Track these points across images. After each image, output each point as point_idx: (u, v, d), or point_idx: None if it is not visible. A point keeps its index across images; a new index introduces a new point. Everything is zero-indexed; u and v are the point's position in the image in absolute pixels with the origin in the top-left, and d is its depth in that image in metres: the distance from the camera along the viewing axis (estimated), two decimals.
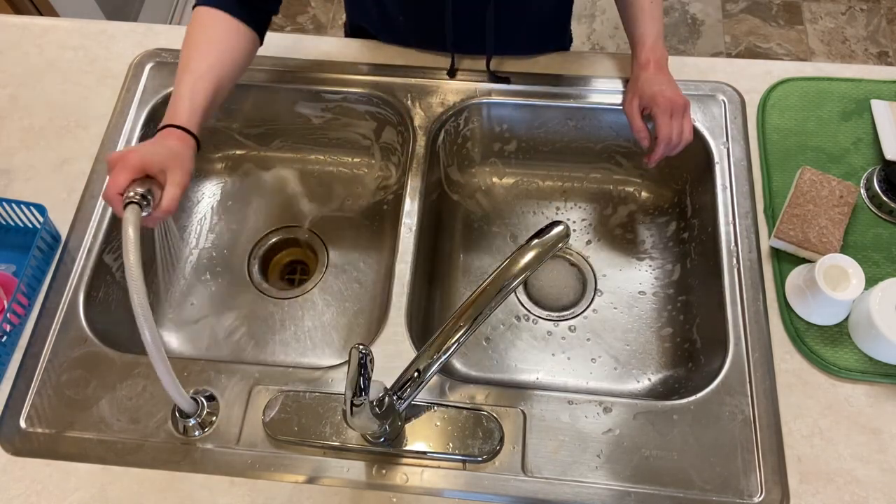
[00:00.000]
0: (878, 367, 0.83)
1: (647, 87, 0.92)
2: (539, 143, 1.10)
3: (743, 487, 0.77)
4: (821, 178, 0.92)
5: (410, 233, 0.93)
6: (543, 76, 1.05)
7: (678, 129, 0.90)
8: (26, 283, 0.87)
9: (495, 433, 0.79)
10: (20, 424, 0.82)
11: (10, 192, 0.98)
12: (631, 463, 0.78)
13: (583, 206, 1.13)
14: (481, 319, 0.67)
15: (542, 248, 0.67)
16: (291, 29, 2.34)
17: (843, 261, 0.84)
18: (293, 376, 0.84)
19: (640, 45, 0.95)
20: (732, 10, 2.32)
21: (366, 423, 0.69)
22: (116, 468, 0.79)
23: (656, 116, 0.91)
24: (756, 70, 1.05)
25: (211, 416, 0.81)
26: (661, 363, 1.00)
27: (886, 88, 1.02)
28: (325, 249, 1.10)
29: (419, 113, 1.03)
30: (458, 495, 0.77)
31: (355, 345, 0.62)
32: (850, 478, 0.78)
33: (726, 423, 0.80)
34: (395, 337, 0.86)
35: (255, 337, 1.03)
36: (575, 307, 1.05)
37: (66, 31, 1.12)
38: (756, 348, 0.84)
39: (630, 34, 0.98)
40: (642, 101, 0.92)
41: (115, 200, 0.71)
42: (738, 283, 0.89)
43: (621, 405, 0.82)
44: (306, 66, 1.07)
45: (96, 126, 1.02)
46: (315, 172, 1.16)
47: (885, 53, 2.23)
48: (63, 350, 0.86)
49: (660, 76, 0.93)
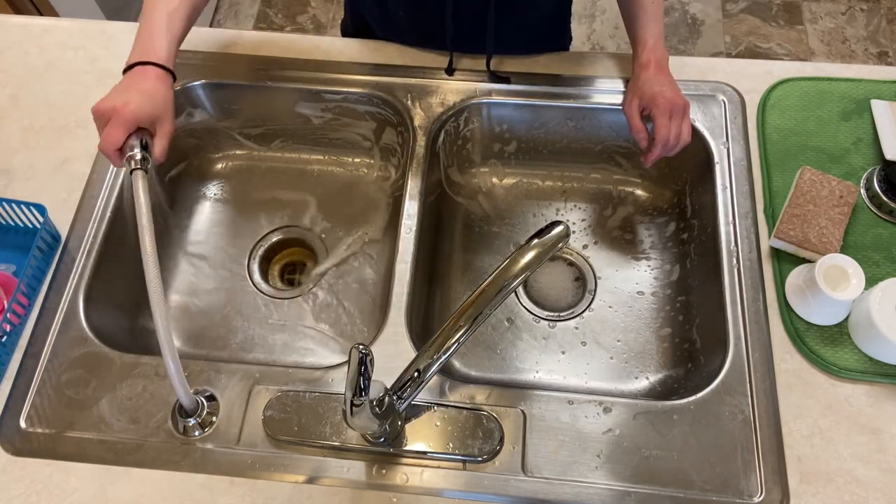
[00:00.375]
0: (878, 367, 0.83)
1: (647, 87, 0.92)
2: (539, 144, 1.10)
3: (743, 487, 0.77)
4: (821, 178, 0.92)
5: (410, 233, 0.93)
6: (543, 76, 1.05)
7: (676, 131, 0.91)
8: (26, 283, 0.87)
9: (495, 433, 0.79)
10: (20, 424, 0.82)
11: (10, 192, 0.98)
12: (631, 463, 0.78)
13: (582, 206, 1.13)
14: (481, 319, 0.67)
15: (542, 248, 0.67)
16: (291, 29, 2.34)
17: (843, 261, 0.84)
18: (293, 376, 0.84)
19: (641, 44, 0.95)
20: (732, 10, 2.32)
21: (366, 423, 0.69)
22: (116, 468, 0.79)
23: (655, 118, 0.91)
24: (756, 70, 1.05)
25: (211, 416, 0.81)
26: (660, 363, 1.00)
27: (886, 88, 1.02)
28: (325, 249, 1.10)
29: (419, 113, 1.03)
30: (458, 495, 0.77)
31: (355, 345, 0.62)
32: (850, 478, 0.78)
33: (726, 423, 0.80)
34: (395, 337, 0.86)
35: (254, 337, 1.03)
36: (575, 307, 1.06)
37: (66, 31, 1.12)
38: (756, 348, 0.84)
39: (631, 34, 0.98)
40: (642, 101, 0.93)
41: (113, 156, 0.75)
42: (738, 283, 0.89)
43: (621, 405, 0.82)
44: (306, 65, 1.07)
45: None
46: (315, 172, 1.16)
47: (885, 53, 2.23)
48: (63, 350, 0.86)
49: (660, 76, 0.93)
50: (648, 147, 0.94)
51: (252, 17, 2.37)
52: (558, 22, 1.12)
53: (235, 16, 2.38)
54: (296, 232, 1.12)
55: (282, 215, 1.13)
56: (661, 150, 0.92)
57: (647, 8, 0.95)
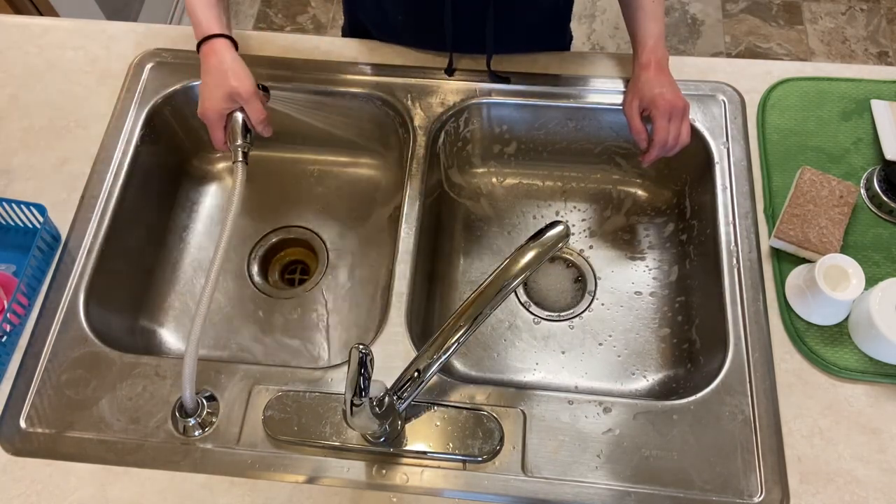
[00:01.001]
0: (878, 367, 0.83)
1: (647, 88, 0.92)
2: (539, 144, 1.10)
3: (743, 487, 0.77)
4: (821, 178, 0.92)
5: (410, 233, 0.93)
6: (543, 76, 1.05)
7: (675, 133, 0.91)
8: (26, 283, 0.87)
9: (495, 433, 0.79)
10: (20, 424, 0.82)
11: (10, 192, 0.98)
12: (631, 463, 0.78)
13: (582, 206, 1.13)
14: (481, 319, 0.67)
15: (541, 249, 0.67)
16: (291, 29, 2.34)
17: (843, 261, 0.84)
18: (293, 376, 0.84)
19: (642, 45, 0.95)
20: (732, 10, 2.32)
21: (366, 423, 0.69)
22: (116, 468, 0.79)
23: (655, 119, 0.91)
24: (756, 70, 1.05)
25: (211, 416, 0.81)
26: (660, 363, 1.00)
27: (886, 88, 1.02)
28: (325, 249, 1.10)
29: (419, 113, 1.03)
30: (458, 495, 0.77)
31: (355, 345, 0.62)
32: (850, 478, 0.78)
33: (726, 423, 0.80)
34: (395, 337, 0.86)
35: (255, 337, 1.03)
36: (575, 307, 1.05)
37: (66, 31, 1.12)
38: (756, 348, 0.84)
39: (632, 34, 0.98)
40: (642, 102, 0.93)
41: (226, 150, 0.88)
42: (738, 283, 0.89)
43: (621, 405, 0.82)
44: (306, 66, 1.07)
45: (96, 126, 1.02)
46: (315, 172, 1.16)
47: (885, 53, 2.23)
48: (63, 350, 0.86)
49: (661, 77, 0.93)
50: (647, 148, 0.94)
51: (252, 17, 2.38)
52: (558, 22, 1.12)
53: (235, 16, 2.38)
54: (296, 232, 1.12)
55: (282, 215, 1.13)
56: (659, 152, 0.92)
57: (647, 8, 0.95)
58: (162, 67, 1.07)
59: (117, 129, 1.02)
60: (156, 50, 1.09)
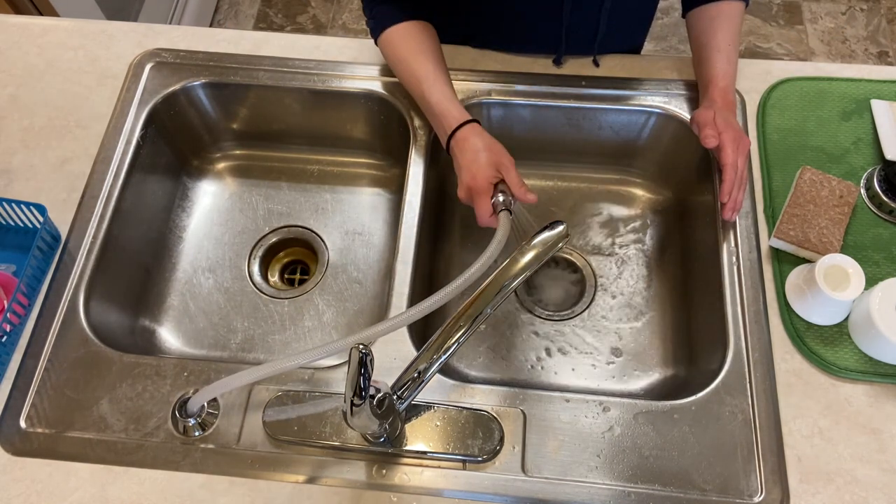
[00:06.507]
0: (878, 367, 0.83)
1: (720, 116, 0.91)
2: (539, 144, 1.10)
3: (743, 487, 0.77)
4: (821, 178, 0.92)
5: (410, 233, 0.93)
6: (543, 76, 1.05)
7: (742, 164, 0.90)
8: (26, 283, 0.87)
9: (495, 433, 0.79)
10: (20, 424, 0.82)
11: (10, 192, 0.98)
12: (631, 463, 0.78)
13: (582, 206, 1.13)
14: (481, 319, 0.67)
15: (541, 248, 0.67)
16: (291, 29, 2.34)
17: (843, 261, 0.84)
18: (293, 376, 0.84)
19: (714, 84, 0.94)
20: None
21: (366, 423, 0.69)
22: (116, 468, 0.79)
23: (724, 143, 0.89)
24: (756, 70, 1.05)
25: (211, 417, 0.81)
26: (660, 363, 1.00)
27: (886, 88, 1.02)
28: (325, 249, 1.10)
29: (419, 113, 1.02)
30: (458, 495, 0.77)
31: (355, 345, 0.62)
32: (850, 478, 0.78)
33: (726, 423, 0.80)
34: (395, 337, 0.86)
35: (255, 337, 1.03)
36: (575, 307, 1.06)
37: (66, 31, 1.12)
38: (756, 348, 0.84)
39: (703, 72, 0.97)
40: (717, 120, 0.90)
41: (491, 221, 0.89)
42: (738, 283, 0.89)
43: (621, 405, 0.82)
44: (306, 66, 1.07)
45: (96, 126, 1.02)
46: (315, 172, 1.16)
47: (885, 53, 2.23)
48: (63, 350, 0.86)
49: (729, 113, 0.92)
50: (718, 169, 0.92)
51: (252, 17, 2.38)
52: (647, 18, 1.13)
53: (235, 16, 2.38)
54: (296, 232, 1.12)
55: (282, 215, 1.13)
56: (731, 174, 0.89)
57: (723, 50, 0.94)
58: (162, 67, 1.07)
59: (117, 129, 1.02)
60: (156, 50, 1.09)
